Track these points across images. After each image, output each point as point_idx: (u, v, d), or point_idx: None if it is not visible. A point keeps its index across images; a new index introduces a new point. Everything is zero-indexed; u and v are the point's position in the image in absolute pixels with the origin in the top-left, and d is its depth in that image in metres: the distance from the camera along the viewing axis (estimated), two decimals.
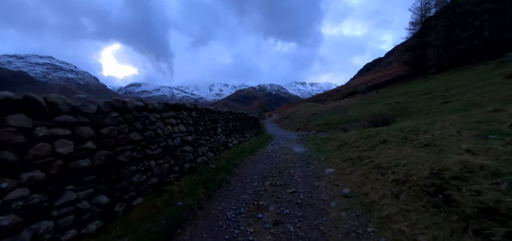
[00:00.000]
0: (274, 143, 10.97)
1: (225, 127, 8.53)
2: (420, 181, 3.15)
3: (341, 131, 13.14)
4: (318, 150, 8.10)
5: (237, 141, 9.34)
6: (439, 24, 44.31)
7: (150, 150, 3.83)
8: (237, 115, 10.76)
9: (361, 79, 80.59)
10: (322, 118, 21.16)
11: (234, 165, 5.96)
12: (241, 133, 11.01)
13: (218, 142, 7.35)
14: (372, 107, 19.84)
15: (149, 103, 4.06)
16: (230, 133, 8.95)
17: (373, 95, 37.07)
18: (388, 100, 21.42)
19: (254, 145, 9.64)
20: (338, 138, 8.88)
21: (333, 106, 36.45)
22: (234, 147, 8.26)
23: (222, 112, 8.41)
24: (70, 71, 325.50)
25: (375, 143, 5.69)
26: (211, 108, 7.07)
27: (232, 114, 9.85)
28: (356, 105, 26.24)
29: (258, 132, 15.01)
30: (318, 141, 10.26)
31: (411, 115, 13.37)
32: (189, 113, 5.54)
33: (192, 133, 5.50)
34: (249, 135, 12.33)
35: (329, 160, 6.14)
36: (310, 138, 12.34)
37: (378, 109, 17.40)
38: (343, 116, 18.70)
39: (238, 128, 10.60)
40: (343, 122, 16.41)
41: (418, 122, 7.23)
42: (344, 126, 14.69)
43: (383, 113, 15.23)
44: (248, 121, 13.00)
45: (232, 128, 9.42)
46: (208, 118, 6.80)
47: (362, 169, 4.52)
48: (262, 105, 73.79)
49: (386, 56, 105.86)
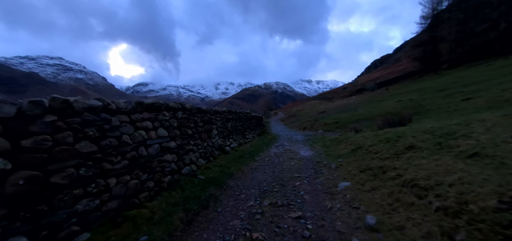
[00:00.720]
0: (278, 144, 9.97)
1: (223, 128, 7.63)
2: (485, 214, 2.14)
3: (352, 131, 12.03)
4: (328, 154, 7.08)
5: (236, 144, 8.40)
6: (452, 17, 42.23)
7: (109, 164, 2.93)
8: (237, 115, 9.83)
9: (369, 76, 78.64)
10: (329, 117, 20.02)
11: (229, 175, 5.01)
12: (242, 134, 10.09)
13: (213, 146, 6.44)
14: (383, 105, 18.57)
15: (112, 103, 3.15)
16: (228, 135, 8.03)
17: (382, 92, 35.59)
18: (400, 98, 20.08)
19: (255, 147, 8.68)
20: (350, 139, 7.84)
21: (341, 104, 35.16)
22: (232, 151, 7.33)
23: (219, 112, 7.49)
24: (79, 71, 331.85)
25: (399, 149, 4.65)
26: (204, 108, 6.13)
27: (231, 114, 8.93)
28: (365, 103, 24.92)
29: (262, 132, 14.07)
30: (327, 142, 9.23)
31: (429, 113, 12.15)
32: (173, 114, 4.63)
33: (176, 138, 4.58)
34: (252, 136, 11.39)
35: (342, 169, 5.12)
36: (317, 138, 11.30)
37: (390, 107, 16.18)
38: (353, 114, 17.53)
39: (239, 129, 9.68)
40: (352, 121, 15.26)
41: (446, 122, 6.13)
42: (355, 125, 13.55)
43: (397, 112, 14.04)
44: (251, 121, 12.06)
45: (231, 129, 8.50)
46: (201, 119, 5.88)
47: (388, 185, 3.51)
48: (268, 104, 72.81)
49: (395, 52, 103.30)
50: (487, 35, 37.57)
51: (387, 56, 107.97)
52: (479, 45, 37.75)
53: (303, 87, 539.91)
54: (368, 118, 14.68)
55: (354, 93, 51.01)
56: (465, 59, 36.94)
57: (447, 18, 43.52)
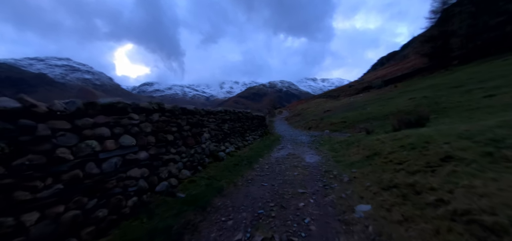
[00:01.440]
0: (281, 147, 9.00)
1: (218, 130, 6.71)
2: None
3: (362, 132, 10.95)
4: (337, 160, 6.09)
5: (233, 148, 7.47)
6: (464, 11, 40.39)
7: (29, 192, 2.04)
8: (236, 115, 8.90)
9: (376, 73, 76.83)
10: (336, 116, 18.92)
11: (217, 191, 4.08)
12: (242, 136, 9.16)
13: (203, 152, 5.52)
14: (394, 103, 17.38)
15: (39, 104, 2.26)
16: (224, 138, 7.11)
17: (391, 89, 34.21)
18: (411, 95, 18.83)
19: (255, 151, 7.73)
20: (361, 142, 6.83)
21: (347, 102, 33.93)
22: (227, 157, 6.40)
23: (213, 112, 6.56)
24: (87, 72, 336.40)
25: (431, 159, 3.64)
26: (192, 108, 5.19)
27: (229, 114, 7.99)
28: (374, 100, 23.69)
29: (264, 133, 13.13)
30: (335, 145, 8.22)
31: (447, 112, 10.98)
32: (146, 117, 3.71)
33: (149, 146, 3.67)
34: (252, 137, 10.44)
35: (357, 183, 4.14)
36: (324, 140, 10.30)
37: (402, 105, 15.02)
38: (361, 113, 16.40)
39: (238, 130, 8.75)
40: (362, 120, 14.17)
41: (484, 123, 5.08)
42: (365, 125, 12.47)
43: (410, 110, 12.89)
44: (252, 121, 11.12)
45: (228, 131, 7.57)
46: (187, 122, 4.96)
47: (427, 216, 2.52)
48: (272, 102, 71.82)
49: (402, 49, 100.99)
50: (503, 28, 35.66)
51: (394, 53, 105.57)
52: (492, 40, 35.89)
53: (308, 85, 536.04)
54: (378, 118, 13.57)
55: (360, 91, 49.62)
56: (477, 54, 35.16)
57: (458, 12, 41.70)
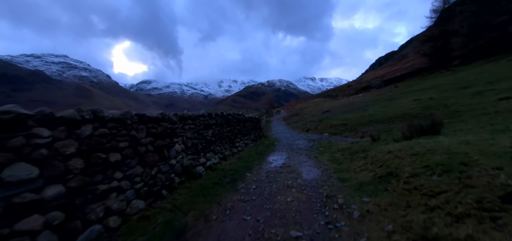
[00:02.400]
0: (275, 156, 7.80)
1: (197, 139, 5.50)
2: None
3: (365, 137, 9.82)
4: (341, 178, 4.88)
5: (218, 159, 6.27)
6: (466, 10, 39.50)
7: None
8: (225, 118, 7.70)
9: (374, 73, 76.05)
10: (336, 117, 17.79)
11: (177, 235, 2.90)
12: (231, 142, 7.97)
13: (171, 170, 4.30)
14: (397, 104, 16.26)
15: None
16: (206, 147, 5.89)
17: (391, 89, 33.23)
18: (415, 96, 17.75)
19: (244, 162, 6.55)
20: (369, 153, 5.67)
21: (347, 102, 32.89)
22: (207, 173, 5.18)
23: (191, 117, 5.32)
24: (84, 69, 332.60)
25: (484, 196, 2.51)
26: (155, 115, 3.94)
27: (214, 118, 6.77)
28: (375, 101, 22.61)
29: (258, 136, 11.95)
30: (336, 154, 7.07)
31: (461, 116, 9.83)
32: (68, 132, 2.51)
33: (69, 176, 2.46)
34: (244, 143, 9.25)
35: (373, 225, 2.93)
36: (324, 146, 9.14)
37: (407, 107, 13.89)
38: (363, 115, 15.28)
39: (226, 136, 7.55)
40: (364, 123, 13.03)
41: None
42: (367, 129, 11.34)
43: (417, 113, 11.75)
44: (244, 124, 9.94)
45: (212, 138, 6.37)
46: (147, 133, 3.77)
47: None
48: (270, 101, 70.67)
49: (400, 49, 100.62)
50: (506, 28, 34.71)
51: (392, 53, 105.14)
52: (494, 39, 34.94)
53: (307, 84, 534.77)
54: (381, 120, 12.44)
55: (359, 90, 48.70)
56: (479, 54, 34.13)
57: (459, 11, 40.81)
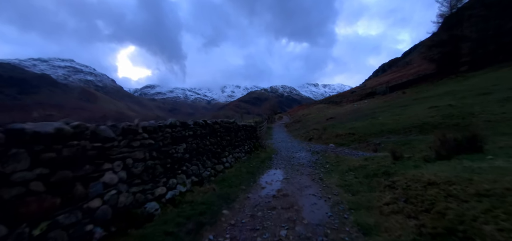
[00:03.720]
0: (270, 176, 6.37)
1: (158, 158, 4.06)
2: None
3: (382, 152, 8.39)
4: (363, 225, 3.16)
5: (189, 184, 4.67)
6: (475, 14, 37.91)
7: None
8: (209, 128, 6.31)
9: (378, 79, 74.46)
10: (342, 125, 16.35)
11: None
12: (216, 157, 6.54)
13: (89, 219, 2.71)
14: (411, 112, 14.74)
15: None
16: (171, 169, 4.30)
17: (399, 96, 31.62)
18: (430, 103, 16.23)
19: (227, 188, 4.99)
20: (396, 178, 4.25)
21: (351, 109, 31.34)
22: (163, 211, 3.67)
23: (147, 129, 3.81)
24: (89, 73, 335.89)
25: None
26: (51, 129, 2.44)
27: (192, 128, 5.30)
28: (383, 108, 21.09)
29: (254, 147, 10.58)
30: (348, 176, 5.64)
31: (497, 127, 8.20)
32: None
33: None
34: (234, 157, 7.83)
35: None
36: (330, 160, 7.73)
37: (424, 115, 12.38)
38: (372, 123, 13.82)
39: (208, 150, 6.14)
40: (375, 133, 11.57)
41: None
42: (380, 140, 9.88)
43: (438, 122, 10.20)
44: (236, 134, 8.60)
45: (186, 154, 4.83)
46: (34, 159, 2.32)
47: None
48: (272, 107, 69.21)
49: (404, 56, 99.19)
50: None
51: (395, 60, 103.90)
52: (506, 45, 33.20)
53: (310, 90, 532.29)
54: (396, 131, 10.98)
55: (364, 97, 47.12)
56: (489, 60, 32.33)
57: (468, 15, 39.24)
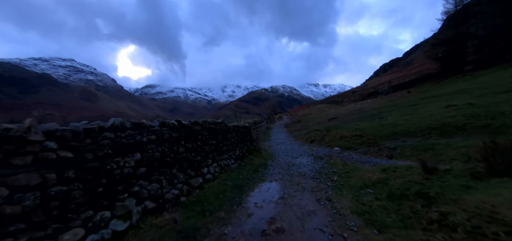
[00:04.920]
0: (262, 193, 4.86)
1: (95, 175, 2.76)
2: None
3: (400, 159, 6.97)
4: None
5: (137, 215, 2.93)
6: (483, 11, 36.34)
7: None
8: (187, 130, 4.87)
9: (379, 79, 73.11)
10: (346, 126, 14.90)
11: None
12: (195, 167, 5.07)
13: None
14: (424, 111, 13.20)
15: None
16: (118, 190, 3.02)
17: (403, 95, 30.14)
18: (443, 101, 14.76)
19: (199, 214, 3.39)
20: (446, 211, 2.86)
21: (354, 108, 29.83)
22: None
23: (63, 136, 2.48)
24: (90, 73, 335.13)
25: None
26: None
27: (157, 131, 3.85)
28: (390, 107, 19.60)
29: (247, 152, 9.14)
30: (367, 197, 4.18)
31: None
32: None
33: None
34: (219, 166, 6.31)
35: None
36: (338, 169, 6.30)
37: (441, 115, 10.86)
38: (381, 124, 12.37)
39: (184, 159, 4.67)
40: (386, 135, 10.12)
41: None
42: (394, 144, 8.41)
43: (463, 123, 8.71)
44: (224, 137, 7.15)
45: (149, 165, 3.43)
46: None
47: None
48: (272, 107, 67.80)
49: (405, 56, 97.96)
50: None
51: (396, 60, 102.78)
52: None
53: (310, 90, 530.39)
54: (411, 133, 9.54)
55: (366, 96, 45.70)
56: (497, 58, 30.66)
57: (474, 12, 37.67)
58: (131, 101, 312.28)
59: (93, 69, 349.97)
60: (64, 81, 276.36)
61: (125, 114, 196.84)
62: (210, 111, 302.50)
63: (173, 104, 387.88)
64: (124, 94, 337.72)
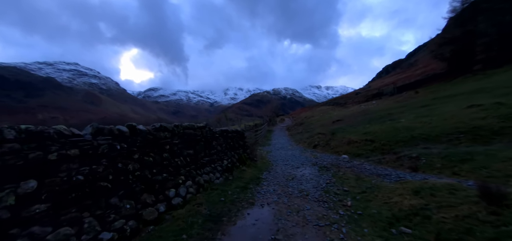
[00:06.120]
0: (244, 231, 3.56)
1: None
2: None
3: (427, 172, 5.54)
4: None
5: None
6: (493, 8, 34.67)
7: None
8: (143, 140, 3.57)
9: (382, 81, 71.60)
10: (353, 130, 13.42)
11: None
12: (156, 189, 3.70)
13: None
14: (443, 113, 11.57)
15: None
16: None
17: (411, 96, 28.60)
18: (459, 102, 13.25)
19: None
20: None
21: (359, 110, 28.29)
22: None
23: None
24: (94, 76, 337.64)
25: None
26: None
27: (85, 143, 2.56)
28: (399, 108, 18.06)
29: (239, 161, 7.73)
30: (399, 239, 2.85)
31: None
32: None
33: None
34: (197, 182, 4.93)
35: None
36: (353, 190, 4.82)
37: (466, 116, 9.20)
38: (394, 127, 10.88)
39: (137, 179, 3.33)
40: (402, 140, 8.60)
41: None
42: (416, 152, 6.90)
43: (497, 125, 7.28)
44: (208, 145, 5.77)
45: (57, 200, 2.25)
46: None
47: None
48: (274, 109, 66.45)
49: (408, 57, 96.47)
50: None
51: (400, 61, 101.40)
52: None
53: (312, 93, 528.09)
54: (433, 138, 8.01)
55: (370, 98, 44.21)
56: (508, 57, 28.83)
57: (483, 9, 35.98)
58: (134, 104, 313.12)
59: (96, 73, 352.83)
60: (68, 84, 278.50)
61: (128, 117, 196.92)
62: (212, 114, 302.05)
63: (176, 107, 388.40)
64: (127, 97, 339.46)
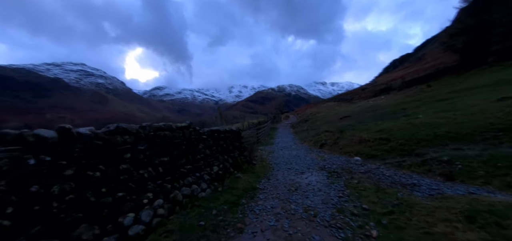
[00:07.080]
0: None
1: None
2: None
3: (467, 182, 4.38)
4: None
5: None
6: None
7: None
8: (87, 145, 2.61)
9: (389, 76, 69.47)
10: (364, 126, 12.18)
11: None
12: (101, 220, 2.78)
13: None
14: (468, 106, 10.16)
15: None
16: None
17: (423, 90, 26.88)
18: (480, 95, 11.88)
19: None
20: None
21: (367, 105, 26.82)
22: None
23: None
24: (100, 76, 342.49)
25: None
26: None
27: None
28: (413, 103, 16.66)
29: (234, 165, 6.64)
30: None
31: None
32: None
33: None
34: (170, 199, 3.87)
35: None
36: (374, 208, 3.65)
37: (499, 111, 7.72)
38: (412, 124, 9.61)
39: (65, 210, 2.43)
40: (425, 139, 7.36)
41: None
42: (445, 153, 5.73)
43: None
44: (192, 149, 4.71)
45: None
46: None
47: None
48: (278, 106, 65.42)
49: (416, 51, 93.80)
50: None
51: (407, 55, 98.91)
52: None
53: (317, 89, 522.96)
54: (462, 136, 6.74)
55: (378, 93, 42.50)
56: None
57: None
58: (140, 103, 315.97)
59: (103, 73, 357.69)
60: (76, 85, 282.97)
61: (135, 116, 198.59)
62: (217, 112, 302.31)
63: (181, 106, 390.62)
64: (133, 97, 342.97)
